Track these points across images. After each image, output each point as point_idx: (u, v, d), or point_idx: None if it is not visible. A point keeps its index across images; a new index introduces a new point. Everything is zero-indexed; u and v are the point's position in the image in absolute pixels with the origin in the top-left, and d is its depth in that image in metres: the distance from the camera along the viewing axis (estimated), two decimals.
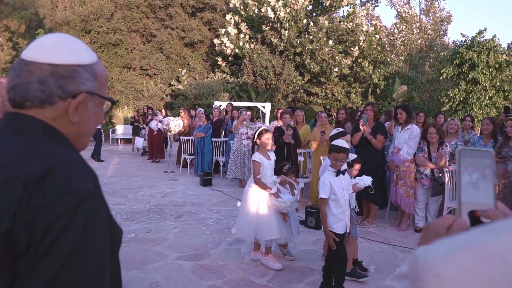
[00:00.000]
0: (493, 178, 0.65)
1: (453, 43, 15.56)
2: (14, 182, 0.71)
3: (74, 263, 0.69)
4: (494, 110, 12.88)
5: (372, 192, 5.07)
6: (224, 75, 19.11)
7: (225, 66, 19.30)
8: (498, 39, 13.49)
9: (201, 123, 9.25)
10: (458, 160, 0.65)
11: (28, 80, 0.83)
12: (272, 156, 4.12)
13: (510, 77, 12.99)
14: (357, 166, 3.83)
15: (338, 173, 3.38)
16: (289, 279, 3.67)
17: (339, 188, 3.37)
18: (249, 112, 8.58)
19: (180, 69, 19.94)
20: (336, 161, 3.36)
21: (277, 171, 4.08)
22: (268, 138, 4.05)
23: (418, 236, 3.69)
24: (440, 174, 5.26)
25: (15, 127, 0.83)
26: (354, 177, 3.74)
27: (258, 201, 3.91)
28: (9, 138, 0.81)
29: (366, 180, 3.62)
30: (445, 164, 5.16)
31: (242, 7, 18.53)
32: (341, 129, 4.14)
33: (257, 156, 3.98)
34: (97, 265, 0.73)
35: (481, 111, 12.76)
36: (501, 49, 13.21)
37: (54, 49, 0.85)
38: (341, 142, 3.41)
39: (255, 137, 4.12)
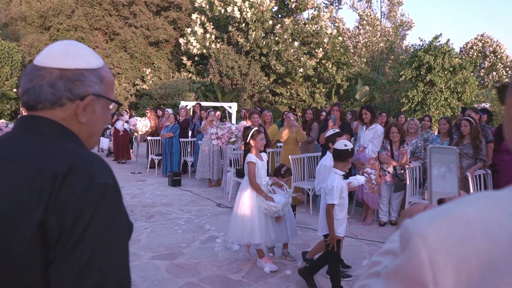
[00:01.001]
0: (457, 171, 0.79)
1: (411, 46, 16.31)
2: (42, 178, 0.78)
3: (103, 249, 0.77)
4: (449, 110, 13.64)
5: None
6: (190, 75, 19.01)
7: (191, 65, 19.20)
8: (452, 43, 14.30)
9: (168, 123, 9.21)
10: (429, 156, 0.78)
11: (40, 84, 0.89)
12: (264, 156, 4.12)
13: (463, 80, 13.80)
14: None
15: (345, 176, 3.41)
16: (263, 274, 3.79)
17: (345, 192, 3.41)
18: (218, 112, 8.64)
19: (144, 69, 19.63)
20: (348, 164, 3.39)
21: (275, 173, 4.10)
22: (262, 138, 4.02)
23: (383, 230, 3.91)
24: (402, 171, 5.57)
25: (30, 127, 0.89)
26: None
27: (250, 204, 3.88)
28: (27, 138, 0.87)
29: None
30: (406, 161, 5.46)
31: (207, 7, 18.51)
32: (337, 130, 4.17)
33: (252, 157, 3.94)
34: (122, 251, 0.81)
35: (437, 111, 13.48)
36: (455, 53, 14.02)
37: (63, 54, 0.92)
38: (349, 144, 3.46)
39: (248, 138, 4.06)
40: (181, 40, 18.57)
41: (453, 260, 0.50)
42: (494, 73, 25.10)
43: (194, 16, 18.25)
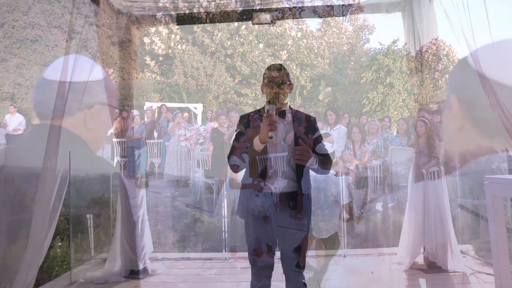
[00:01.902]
0: (413, 168, 0.97)
1: (371, 50, 17.00)
2: (62, 180, 0.88)
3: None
4: (407, 111, 14.37)
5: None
6: (154, 75, 18.79)
7: (154, 65, 18.97)
8: (408, 48, 15.09)
9: (134, 125, 9.12)
10: (390, 156, 0.96)
11: (52, 96, 1.00)
12: (246, 157, 4.23)
13: (419, 82, 14.56)
14: None
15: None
16: (236, 271, 3.92)
17: None
18: (186, 114, 8.68)
19: (107, 69, 19.18)
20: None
21: (261, 175, 4.23)
22: (245, 140, 4.15)
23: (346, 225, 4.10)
24: (364, 169, 5.87)
25: (46, 135, 0.98)
26: None
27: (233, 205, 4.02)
28: (45, 145, 0.96)
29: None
30: (368, 160, 5.77)
31: (172, 7, 18.36)
32: (323, 131, 4.38)
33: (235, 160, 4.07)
34: None
35: (396, 112, 14.16)
36: (411, 57, 14.76)
37: (71, 69, 1.03)
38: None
39: (232, 140, 4.18)
40: (146, 40, 18.31)
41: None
42: (447, 75, 26.47)
43: (158, 15, 18.05)
